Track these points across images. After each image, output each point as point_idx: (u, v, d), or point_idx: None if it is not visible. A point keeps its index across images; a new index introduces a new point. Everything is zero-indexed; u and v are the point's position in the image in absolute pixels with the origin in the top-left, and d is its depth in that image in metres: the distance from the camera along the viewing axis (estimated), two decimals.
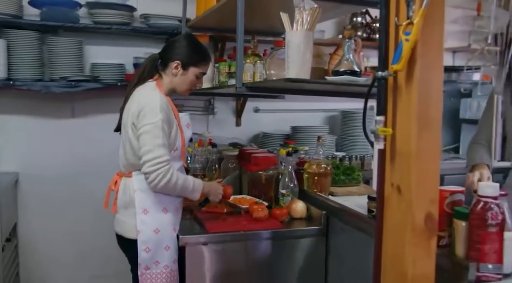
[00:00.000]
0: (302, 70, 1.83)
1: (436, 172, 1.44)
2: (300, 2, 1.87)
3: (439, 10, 1.39)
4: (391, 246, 1.51)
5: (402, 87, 1.43)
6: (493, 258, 1.47)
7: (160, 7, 3.62)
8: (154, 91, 2.20)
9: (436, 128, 1.42)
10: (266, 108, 4.15)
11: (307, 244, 2.34)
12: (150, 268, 2.13)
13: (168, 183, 2.07)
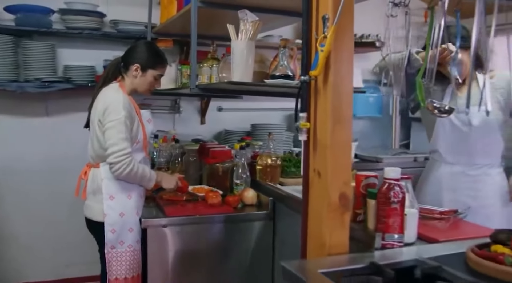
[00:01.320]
0: (245, 74, 2.11)
1: (348, 159, 1.73)
2: (244, 15, 2.15)
3: (349, 26, 1.68)
4: (313, 220, 1.79)
5: (320, 89, 1.72)
6: (396, 229, 1.76)
7: (128, 13, 3.86)
8: (117, 92, 2.46)
9: (348, 123, 1.72)
10: (228, 107, 4.41)
11: (257, 227, 2.63)
12: (116, 247, 2.39)
13: (130, 172, 2.33)
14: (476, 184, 2.48)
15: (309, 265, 1.64)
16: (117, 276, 2.39)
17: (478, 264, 1.48)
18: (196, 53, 3.54)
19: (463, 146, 2.47)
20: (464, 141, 2.45)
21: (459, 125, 2.42)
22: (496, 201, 2.49)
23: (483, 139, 2.44)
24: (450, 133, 2.49)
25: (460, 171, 2.50)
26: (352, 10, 1.68)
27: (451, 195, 2.49)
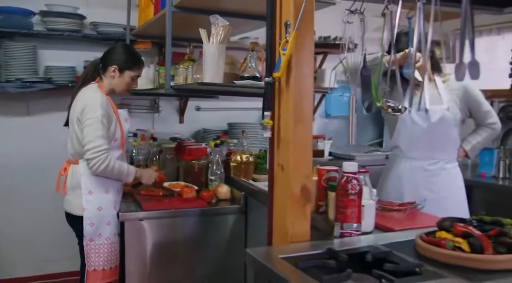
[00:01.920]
0: (216, 75, 2.23)
1: (309, 155, 1.86)
2: (215, 20, 2.27)
3: (309, 31, 1.81)
4: (277, 211, 1.93)
5: (283, 89, 1.85)
6: (354, 219, 1.90)
7: (108, 15, 3.97)
8: (96, 92, 2.57)
9: (308, 121, 1.84)
10: (206, 106, 4.54)
11: (230, 220, 2.76)
12: (94, 240, 2.50)
13: (106, 168, 2.44)
14: (434, 178, 2.64)
15: (272, 251, 1.77)
16: (95, 268, 2.50)
17: (424, 249, 1.63)
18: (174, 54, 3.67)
19: (422, 142, 2.62)
20: (423, 137, 2.61)
21: (419, 122, 2.57)
22: (452, 194, 2.65)
23: (440, 135, 2.60)
24: (411, 129, 2.64)
25: (419, 166, 2.65)
26: (312, 17, 1.81)
27: (411, 188, 2.64)
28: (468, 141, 2.78)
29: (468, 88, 2.65)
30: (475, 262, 1.50)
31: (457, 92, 2.61)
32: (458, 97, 2.61)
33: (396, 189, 2.68)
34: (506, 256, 1.52)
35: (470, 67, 1.39)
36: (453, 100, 2.60)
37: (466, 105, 2.68)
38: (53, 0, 3.83)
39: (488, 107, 2.73)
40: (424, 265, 1.52)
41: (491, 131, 2.75)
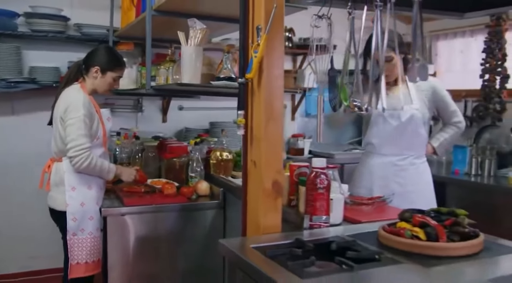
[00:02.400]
0: (193, 76, 2.34)
1: (279, 151, 1.97)
2: (193, 23, 2.38)
3: (279, 35, 1.92)
4: (251, 205, 2.03)
5: (255, 90, 1.96)
6: (323, 212, 2.01)
7: (92, 17, 4.04)
8: (78, 92, 2.65)
9: (279, 119, 1.95)
10: (189, 106, 4.63)
11: (209, 215, 2.86)
12: (77, 234, 2.59)
13: (88, 165, 2.53)
14: (403, 172, 2.77)
15: (244, 242, 1.88)
16: (78, 261, 2.59)
17: (385, 238, 1.75)
18: (156, 55, 3.78)
19: (393, 139, 2.75)
20: (394, 134, 2.74)
21: (390, 121, 2.71)
22: (420, 188, 2.79)
23: (410, 133, 2.73)
24: (382, 127, 2.77)
25: (389, 161, 2.78)
26: (282, 21, 1.92)
27: (381, 183, 2.77)
28: (436, 139, 2.92)
29: (436, 89, 2.78)
30: (430, 249, 1.63)
31: (426, 92, 2.74)
32: (427, 97, 2.74)
33: (367, 183, 2.81)
34: (458, 243, 1.65)
35: (419, 70, 1.49)
36: (422, 100, 2.73)
37: (434, 105, 2.82)
38: (38, 2, 3.89)
39: (454, 107, 2.87)
40: (384, 252, 1.64)
41: (457, 129, 2.90)
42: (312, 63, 2.00)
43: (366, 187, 2.78)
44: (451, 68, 5.24)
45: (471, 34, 4.90)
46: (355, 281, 1.42)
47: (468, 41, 4.98)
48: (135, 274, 2.72)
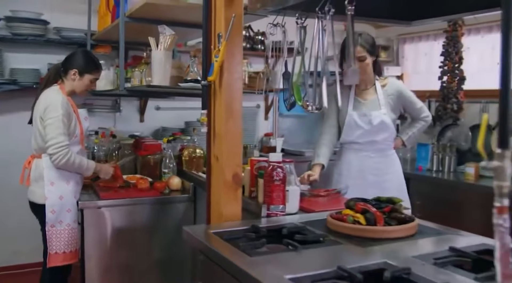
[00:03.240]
0: (163, 78, 2.52)
1: (239, 146, 2.16)
2: (163, 29, 2.56)
3: (238, 42, 2.11)
4: (214, 196, 2.22)
5: (217, 90, 2.14)
6: (279, 202, 2.20)
7: (70, 21, 4.17)
8: (57, 93, 2.81)
9: (238, 118, 2.14)
10: (165, 106, 4.79)
11: (180, 208, 3.04)
12: (55, 226, 2.75)
13: (67, 162, 2.69)
14: (377, 164, 2.98)
15: (205, 228, 2.06)
16: (57, 251, 2.75)
17: (331, 224, 1.95)
18: (133, 58, 3.94)
19: (366, 138, 2.98)
20: (366, 134, 2.96)
21: (362, 125, 2.94)
22: (392, 176, 3.01)
23: (381, 132, 2.96)
24: (356, 129, 2.98)
25: (365, 155, 3.00)
26: (241, 30, 2.11)
27: (359, 174, 2.98)
28: (406, 133, 3.16)
29: (402, 93, 3.01)
30: (368, 232, 1.83)
31: (392, 96, 2.97)
32: (393, 100, 2.96)
33: (345, 175, 3.01)
34: (393, 227, 1.86)
35: (351, 74, 1.69)
36: (389, 104, 2.96)
37: (401, 106, 3.05)
38: (18, 6, 4.02)
39: (420, 104, 3.10)
40: (328, 236, 1.84)
41: (424, 123, 3.13)
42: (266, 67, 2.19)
43: (345, 177, 2.99)
44: (417, 70, 5.47)
45: (434, 38, 5.13)
46: (296, 259, 1.61)
47: (431, 45, 5.21)
48: (111, 263, 2.89)
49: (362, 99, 3.00)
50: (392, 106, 3.00)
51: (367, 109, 2.97)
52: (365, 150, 3.01)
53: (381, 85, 2.98)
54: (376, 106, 2.96)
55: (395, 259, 1.55)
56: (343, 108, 3.01)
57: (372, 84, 3.00)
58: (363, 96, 3.02)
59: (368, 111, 2.95)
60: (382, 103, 2.97)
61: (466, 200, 4.08)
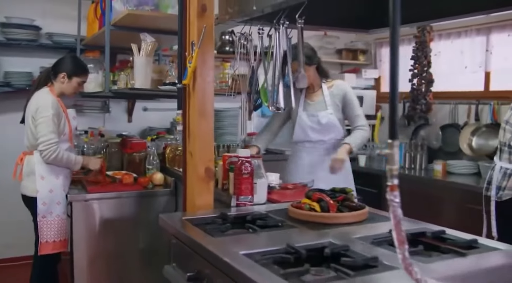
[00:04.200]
0: (144, 81, 2.74)
1: (211, 144, 2.38)
2: (144, 37, 2.78)
3: (210, 49, 2.33)
4: (189, 188, 2.43)
5: (191, 93, 2.37)
6: (248, 193, 2.43)
7: (61, 27, 4.39)
8: (48, 94, 3.02)
9: (210, 117, 2.35)
10: (152, 107, 5.00)
11: (162, 201, 3.25)
12: (46, 217, 2.96)
13: (56, 157, 2.90)
14: (327, 157, 3.19)
15: (179, 216, 2.27)
16: (47, 240, 2.96)
17: (291, 211, 2.17)
18: (120, 62, 4.15)
19: (316, 137, 3.21)
20: (316, 133, 3.20)
21: (312, 125, 3.17)
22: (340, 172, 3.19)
23: (329, 131, 3.19)
24: (307, 129, 3.21)
25: (315, 153, 3.23)
26: (212, 38, 2.33)
27: (310, 169, 3.21)
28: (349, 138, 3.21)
29: (346, 94, 3.24)
30: (322, 218, 2.06)
31: (338, 97, 3.20)
32: (339, 100, 3.20)
33: (300, 170, 3.24)
34: (344, 214, 2.09)
35: (300, 78, 1.92)
36: (335, 104, 3.20)
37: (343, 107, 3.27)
38: (12, 13, 4.23)
39: (359, 112, 3.27)
40: (286, 221, 2.07)
41: (363, 132, 3.24)
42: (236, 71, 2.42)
43: (299, 172, 3.22)
44: None
45: (408, 42, 5.37)
46: (254, 239, 1.83)
47: (406, 49, 5.43)
48: (98, 252, 3.10)
49: (310, 100, 3.26)
50: (339, 106, 3.23)
51: (314, 109, 3.22)
52: (315, 148, 3.26)
53: (327, 87, 3.22)
54: (323, 107, 3.20)
55: (340, 239, 1.77)
56: (295, 110, 3.27)
57: (319, 87, 3.24)
58: (311, 98, 3.28)
59: (316, 112, 3.19)
60: (328, 104, 3.21)
61: (435, 195, 4.33)
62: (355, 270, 1.44)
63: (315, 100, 3.22)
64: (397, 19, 1.11)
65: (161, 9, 2.78)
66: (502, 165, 3.12)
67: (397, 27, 1.11)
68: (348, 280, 1.39)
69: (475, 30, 4.66)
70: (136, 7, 2.72)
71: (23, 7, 4.34)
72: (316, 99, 3.22)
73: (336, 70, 6.18)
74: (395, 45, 1.12)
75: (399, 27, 1.12)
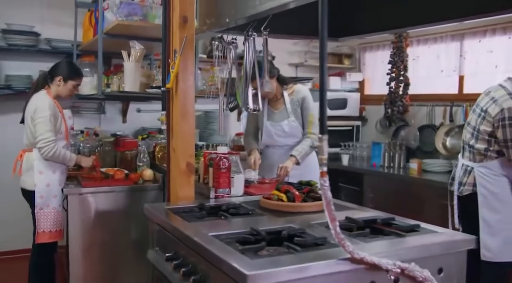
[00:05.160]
0: (133, 85, 2.98)
1: (192, 141, 2.62)
2: (134, 44, 3.02)
3: (190, 56, 2.57)
4: (172, 181, 2.67)
5: (174, 95, 2.60)
6: (225, 186, 2.66)
7: (59, 33, 4.62)
8: (45, 96, 3.26)
9: (190, 118, 2.59)
10: (146, 109, 5.24)
11: (151, 195, 3.48)
12: (43, 208, 3.19)
13: (53, 154, 3.14)
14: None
15: (161, 205, 2.51)
16: (44, 229, 3.19)
17: (262, 202, 2.41)
18: (115, 66, 4.39)
19: (281, 143, 3.53)
20: (281, 137, 3.51)
21: (277, 132, 3.48)
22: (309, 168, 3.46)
23: (293, 136, 3.49)
24: (273, 135, 3.52)
25: (283, 152, 3.50)
26: (193, 47, 2.57)
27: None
28: (297, 150, 3.42)
29: (305, 100, 3.48)
30: (288, 207, 2.30)
31: (298, 103, 3.46)
32: (298, 106, 3.46)
33: (271, 168, 3.48)
34: (308, 203, 2.33)
35: (265, 84, 2.16)
36: (295, 110, 3.46)
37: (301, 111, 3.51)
38: (13, 20, 4.47)
39: (312, 118, 3.47)
40: (257, 210, 2.31)
41: (310, 141, 3.45)
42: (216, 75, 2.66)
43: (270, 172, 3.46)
44: (375, 76, 5.96)
45: (390, 47, 5.61)
46: (224, 224, 2.07)
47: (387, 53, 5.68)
48: (92, 242, 3.33)
49: (274, 109, 3.52)
50: (299, 112, 3.49)
51: (278, 118, 3.49)
52: (282, 149, 3.53)
53: (288, 94, 3.46)
54: (285, 115, 3.47)
55: (300, 225, 1.99)
56: (260, 117, 3.54)
57: (281, 95, 3.48)
58: (275, 107, 3.54)
59: (279, 121, 3.47)
60: (290, 112, 3.48)
61: (411, 192, 4.57)
62: (304, 247, 1.68)
63: (279, 108, 3.50)
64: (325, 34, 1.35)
65: (149, 20, 3.03)
66: (463, 163, 3.36)
67: (324, 41, 1.35)
68: (295, 255, 1.62)
69: (450, 36, 4.91)
70: (126, 18, 2.97)
71: (23, 15, 4.58)
72: (279, 107, 3.49)
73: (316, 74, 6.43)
74: (324, 56, 1.36)
75: (326, 41, 1.35)
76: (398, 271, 1.62)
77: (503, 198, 3.21)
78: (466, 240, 1.89)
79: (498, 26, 4.47)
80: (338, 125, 5.92)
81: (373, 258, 1.56)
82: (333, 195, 1.50)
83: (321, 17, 1.35)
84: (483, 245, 3.20)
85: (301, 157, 3.40)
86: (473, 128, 3.29)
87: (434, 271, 1.75)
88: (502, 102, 3.13)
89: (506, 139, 3.09)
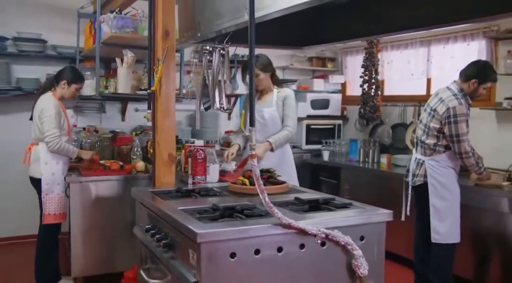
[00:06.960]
0: (125, 87, 3.42)
1: (172, 135, 3.05)
2: (126, 52, 3.46)
3: (172, 63, 2.99)
4: (157, 169, 3.08)
5: (158, 97, 3.03)
6: (201, 173, 3.09)
7: (64, 40, 5.06)
8: (51, 98, 3.70)
9: (171, 116, 3.01)
10: (143, 108, 5.59)
11: (143, 184, 3.88)
12: (48, 194, 3.63)
13: (58, 148, 3.57)
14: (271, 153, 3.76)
15: (146, 189, 2.94)
16: (49, 212, 3.64)
17: (230, 186, 2.83)
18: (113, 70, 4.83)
19: (261, 129, 3.80)
20: (262, 126, 3.80)
21: (257, 119, 3.81)
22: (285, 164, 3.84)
23: (272, 125, 3.81)
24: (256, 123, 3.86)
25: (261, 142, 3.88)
26: (173, 55, 2.99)
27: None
28: (273, 138, 3.73)
29: (287, 97, 3.83)
30: (248, 190, 2.70)
31: (281, 98, 3.82)
32: (281, 101, 3.83)
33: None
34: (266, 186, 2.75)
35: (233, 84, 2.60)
36: (279, 104, 3.81)
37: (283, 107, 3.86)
38: (22, 28, 4.91)
39: (290, 113, 3.81)
40: (224, 192, 2.74)
41: (287, 132, 3.77)
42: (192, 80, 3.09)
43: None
44: (356, 79, 6.36)
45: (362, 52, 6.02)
46: (193, 202, 2.50)
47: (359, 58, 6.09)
48: (91, 225, 3.76)
49: (261, 100, 3.84)
50: (281, 106, 3.80)
51: (261, 106, 3.77)
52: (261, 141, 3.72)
53: (277, 92, 3.87)
54: (269, 104, 3.79)
55: (255, 202, 2.43)
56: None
57: (271, 91, 3.85)
58: (263, 98, 3.86)
59: (262, 108, 3.76)
60: (273, 103, 3.79)
61: (380, 184, 5.00)
62: (250, 217, 2.11)
63: (266, 100, 3.82)
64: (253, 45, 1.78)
65: (139, 32, 3.49)
66: (416, 156, 3.78)
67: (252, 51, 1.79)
68: (240, 221, 2.04)
69: (419, 42, 5.33)
70: (119, 30, 3.43)
71: (32, 24, 5.02)
72: (267, 100, 3.83)
73: (308, 75, 6.84)
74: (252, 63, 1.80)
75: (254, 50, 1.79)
76: (323, 236, 2.03)
77: (450, 188, 3.61)
78: (385, 213, 2.28)
79: (459, 34, 4.88)
80: (321, 123, 6.35)
81: (300, 224, 1.98)
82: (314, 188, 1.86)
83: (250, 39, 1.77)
84: (433, 229, 3.62)
85: (276, 145, 3.70)
86: (425, 125, 3.70)
87: (356, 238, 2.13)
88: (448, 102, 3.54)
89: (451, 135, 3.50)
